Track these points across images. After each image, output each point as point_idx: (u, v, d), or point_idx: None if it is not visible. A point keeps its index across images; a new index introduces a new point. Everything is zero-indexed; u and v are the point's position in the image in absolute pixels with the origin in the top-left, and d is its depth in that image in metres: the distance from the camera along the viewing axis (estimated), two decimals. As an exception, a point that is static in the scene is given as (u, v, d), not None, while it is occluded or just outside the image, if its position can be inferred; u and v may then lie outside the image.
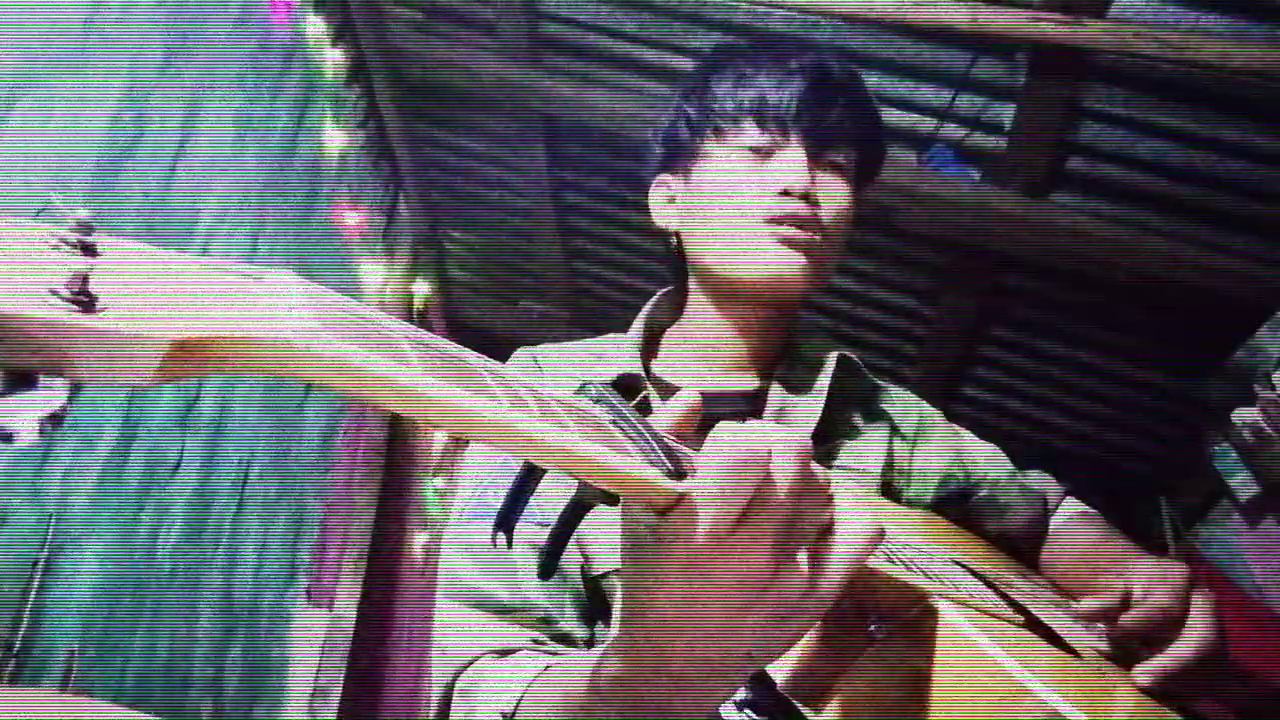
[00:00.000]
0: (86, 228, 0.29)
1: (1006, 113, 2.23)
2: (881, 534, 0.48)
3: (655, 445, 0.42)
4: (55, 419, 0.26)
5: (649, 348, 0.98)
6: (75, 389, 0.27)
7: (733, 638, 0.45)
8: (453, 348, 0.38)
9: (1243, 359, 2.30)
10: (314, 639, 2.86)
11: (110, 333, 0.26)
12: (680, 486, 0.41)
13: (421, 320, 3.42)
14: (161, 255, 0.32)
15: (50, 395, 0.26)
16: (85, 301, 0.26)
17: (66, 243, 0.28)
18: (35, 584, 1.59)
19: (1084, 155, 2.27)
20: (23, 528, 1.59)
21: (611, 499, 0.43)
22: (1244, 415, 2.33)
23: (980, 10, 1.99)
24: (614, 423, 0.43)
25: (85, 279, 0.26)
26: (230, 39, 2.20)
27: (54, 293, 0.26)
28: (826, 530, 0.47)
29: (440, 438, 3.92)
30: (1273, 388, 2.24)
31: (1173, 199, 2.24)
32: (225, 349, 0.29)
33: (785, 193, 0.87)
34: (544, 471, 0.44)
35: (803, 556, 0.45)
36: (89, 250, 0.28)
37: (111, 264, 0.29)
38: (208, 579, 2.25)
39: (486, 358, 0.40)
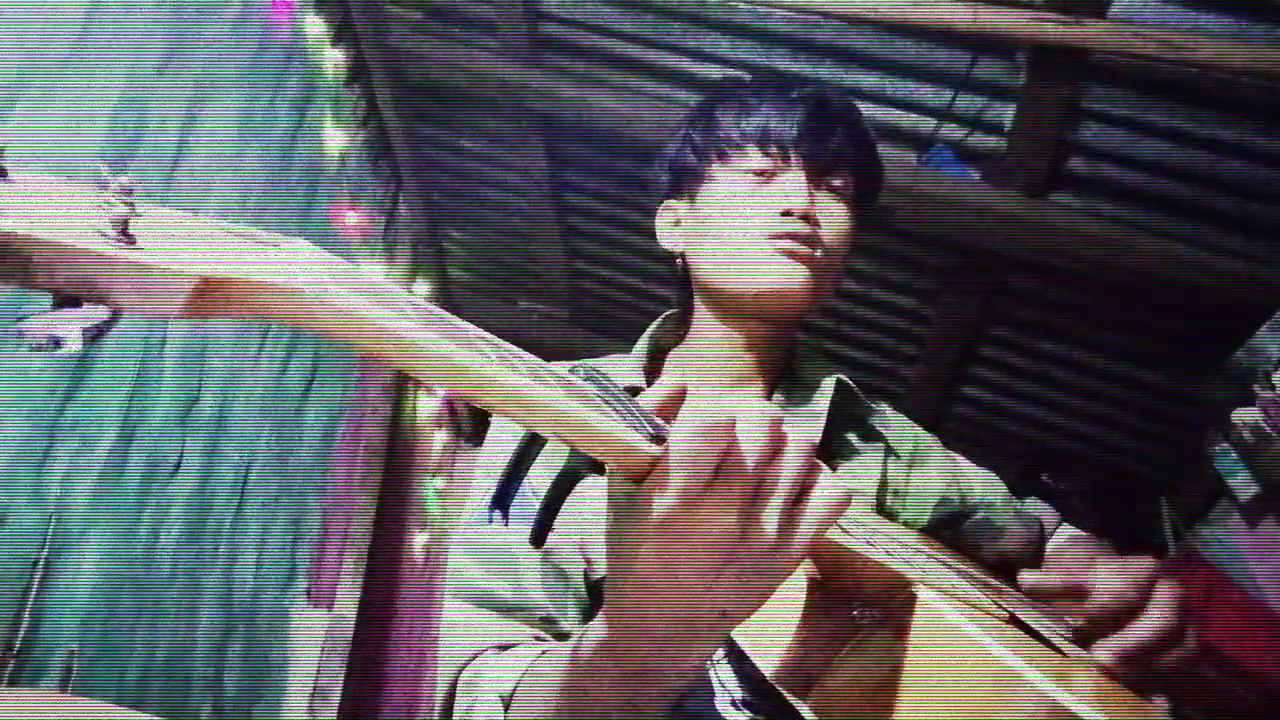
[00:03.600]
0: (128, 189, 0.33)
1: (1006, 113, 2.23)
2: (849, 499, 0.51)
3: (639, 416, 0.45)
4: (97, 331, 0.31)
5: (652, 367, 1.00)
6: (115, 313, 0.31)
7: (706, 597, 0.48)
8: (451, 316, 0.41)
9: (1243, 359, 2.30)
10: (314, 639, 2.86)
11: (147, 265, 0.31)
12: (657, 450, 0.44)
13: (421, 320, 3.41)
14: (190, 215, 0.37)
15: (92, 313, 0.31)
16: (127, 240, 0.31)
17: (109, 201, 0.33)
18: (35, 584, 1.59)
19: (1084, 155, 2.27)
20: (23, 528, 1.60)
21: (599, 468, 0.46)
22: (1244, 415, 2.33)
23: (980, 10, 1.99)
24: (600, 396, 0.45)
25: (127, 222, 0.31)
26: (230, 39, 2.20)
27: (100, 232, 0.31)
28: (801, 494, 0.49)
29: (440, 438, 3.92)
30: (1273, 388, 2.24)
31: (1173, 199, 2.24)
32: (244, 291, 0.33)
33: (787, 213, 0.91)
34: (537, 452, 0.46)
35: (772, 518, 0.47)
36: (129, 206, 0.32)
37: (148, 216, 0.33)
38: (208, 579, 2.25)
39: (482, 330, 0.43)
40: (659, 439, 0.44)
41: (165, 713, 1.98)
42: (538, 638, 0.80)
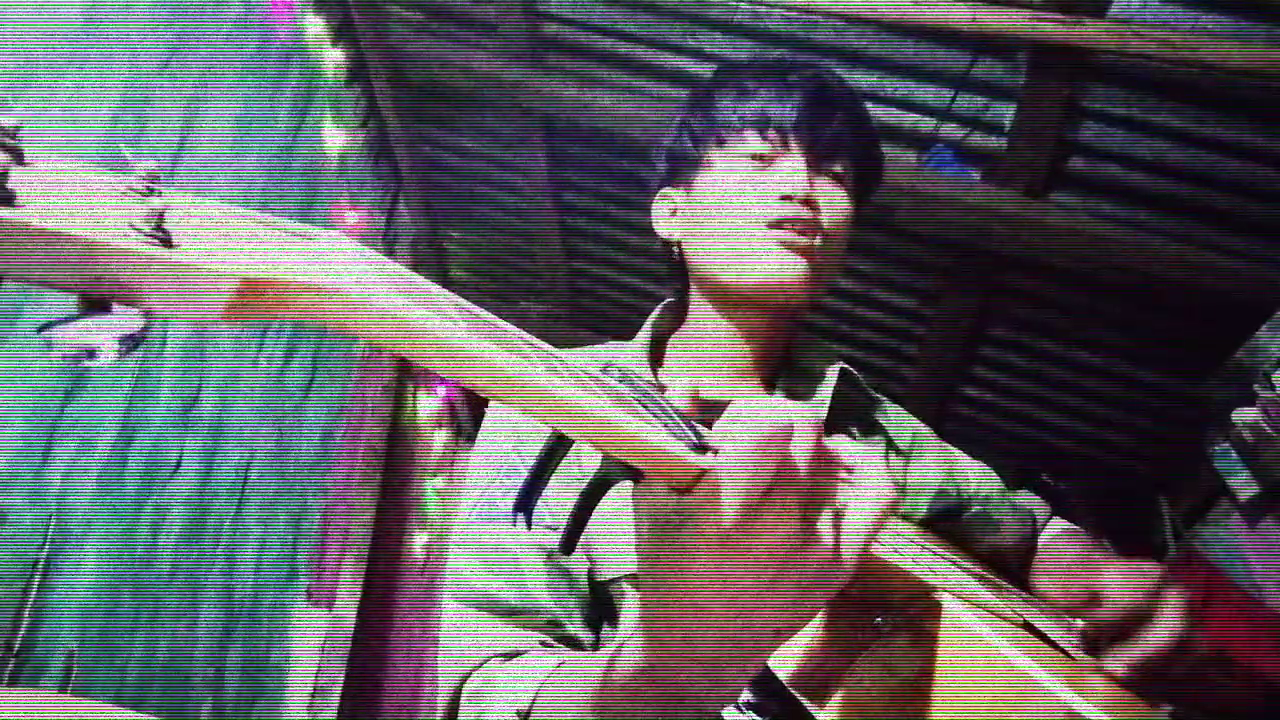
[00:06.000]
0: (154, 176, 0.30)
1: (1006, 113, 2.23)
2: (896, 496, 0.49)
3: (680, 423, 0.43)
4: (133, 340, 0.28)
5: (654, 355, 0.99)
6: (148, 318, 0.28)
7: (762, 613, 0.46)
8: (491, 316, 0.39)
9: (1243, 359, 2.30)
10: (314, 639, 2.85)
11: (185, 266, 0.28)
12: (708, 461, 0.42)
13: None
14: (225, 206, 0.34)
15: (126, 319, 0.28)
16: (162, 237, 0.28)
17: (135, 189, 0.30)
18: (35, 584, 1.59)
19: (1084, 155, 2.27)
20: (23, 528, 1.59)
21: (634, 475, 0.44)
22: (1244, 415, 2.33)
23: (980, 10, 1.99)
24: (638, 401, 0.43)
25: (161, 216, 0.28)
26: (230, 39, 2.20)
27: (133, 227, 0.28)
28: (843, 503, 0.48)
29: (440, 438, 3.92)
30: (1273, 388, 2.24)
31: (1173, 199, 2.24)
32: (288, 293, 0.31)
33: (786, 198, 0.89)
34: (564, 455, 0.45)
35: (826, 525, 0.46)
36: (158, 195, 0.30)
37: (181, 208, 0.30)
38: (208, 579, 2.25)
39: (522, 330, 0.41)
40: (703, 448, 0.42)
41: (165, 713, 1.98)
42: (544, 643, 0.78)
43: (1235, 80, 1.92)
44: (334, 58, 2.70)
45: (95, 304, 0.28)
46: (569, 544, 0.48)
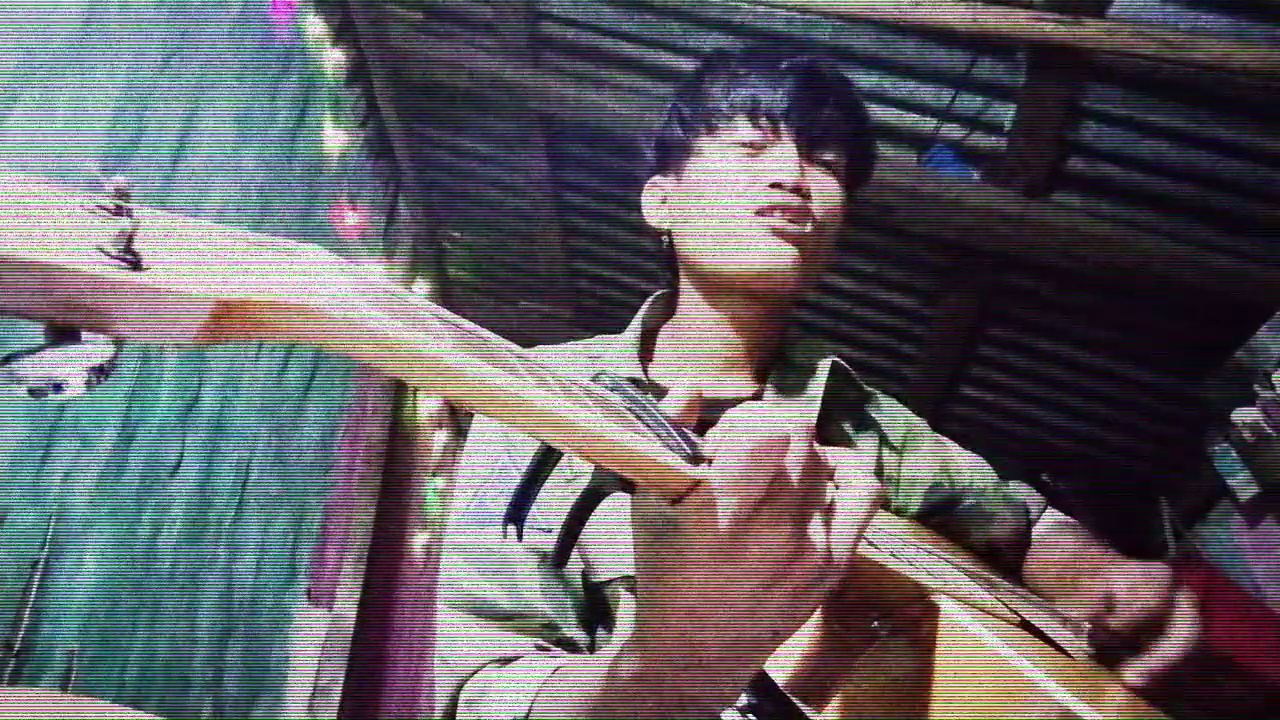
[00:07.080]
0: (124, 194, 0.29)
1: (1006, 113, 2.23)
2: (882, 492, 0.50)
3: (673, 432, 0.43)
4: (102, 371, 0.27)
5: (645, 350, 0.98)
6: (118, 345, 0.27)
7: (759, 617, 0.46)
8: (477, 329, 0.39)
9: (1243, 359, 2.30)
10: (314, 639, 2.86)
11: (157, 290, 0.26)
12: (701, 471, 0.42)
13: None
14: (196, 223, 0.33)
15: (95, 349, 0.27)
16: (131, 260, 0.26)
17: (104, 207, 0.28)
18: (35, 584, 1.59)
19: (1084, 155, 2.26)
20: (23, 528, 1.59)
21: (627, 487, 0.44)
22: (1244, 415, 2.33)
23: (980, 10, 1.99)
24: (630, 410, 0.43)
25: (130, 238, 0.27)
26: (230, 39, 2.20)
27: (101, 250, 0.26)
28: (831, 502, 0.48)
29: (440, 438, 3.92)
30: (1273, 388, 2.24)
31: (1173, 199, 2.24)
32: (266, 313, 0.30)
33: (776, 185, 0.88)
34: (555, 464, 0.45)
35: (817, 528, 0.46)
36: (128, 214, 0.28)
37: (152, 227, 0.29)
38: (208, 579, 2.25)
39: (508, 341, 0.40)
40: (697, 458, 0.42)
41: (165, 713, 1.98)
42: (540, 647, 0.78)
43: (1235, 80, 1.92)
44: (334, 58, 2.70)
45: (62, 332, 0.26)
46: (561, 557, 0.47)
